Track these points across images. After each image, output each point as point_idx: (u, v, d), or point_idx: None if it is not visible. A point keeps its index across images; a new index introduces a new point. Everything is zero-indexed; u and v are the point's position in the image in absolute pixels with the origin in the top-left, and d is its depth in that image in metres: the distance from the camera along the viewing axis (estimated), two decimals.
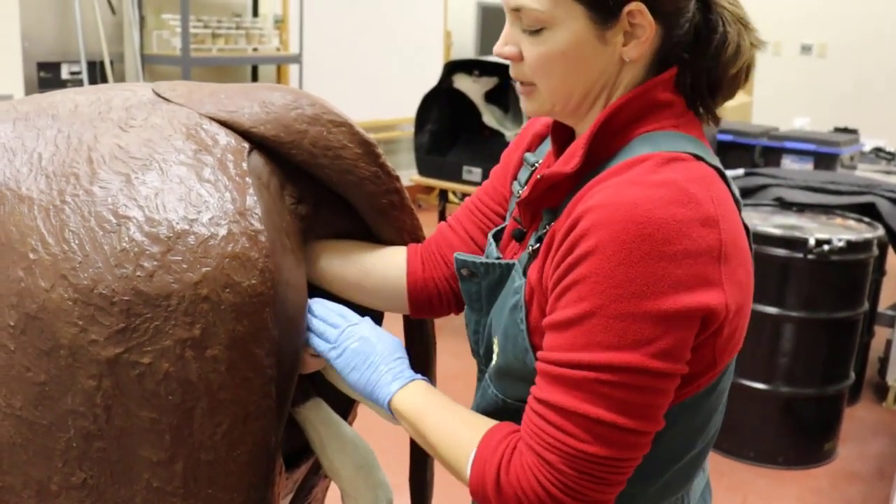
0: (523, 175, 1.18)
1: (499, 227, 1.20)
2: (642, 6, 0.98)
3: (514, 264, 1.07)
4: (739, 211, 1.03)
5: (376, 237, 1.28)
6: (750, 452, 3.34)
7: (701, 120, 1.09)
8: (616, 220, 0.91)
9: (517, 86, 1.08)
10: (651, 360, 0.91)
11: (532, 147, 1.22)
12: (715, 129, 3.87)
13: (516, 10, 1.02)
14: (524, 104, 1.09)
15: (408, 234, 1.29)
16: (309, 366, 1.17)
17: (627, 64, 1.02)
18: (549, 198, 1.05)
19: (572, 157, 1.02)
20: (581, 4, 0.98)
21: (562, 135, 1.11)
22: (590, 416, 0.92)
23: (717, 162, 1.03)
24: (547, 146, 1.17)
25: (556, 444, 0.93)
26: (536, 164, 1.15)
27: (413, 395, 1.08)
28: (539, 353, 0.98)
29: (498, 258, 1.12)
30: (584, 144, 1.01)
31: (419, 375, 1.11)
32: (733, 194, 1.02)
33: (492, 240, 1.16)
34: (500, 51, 1.06)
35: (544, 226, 1.05)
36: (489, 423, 1.03)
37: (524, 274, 1.04)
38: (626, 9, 0.98)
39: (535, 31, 1.01)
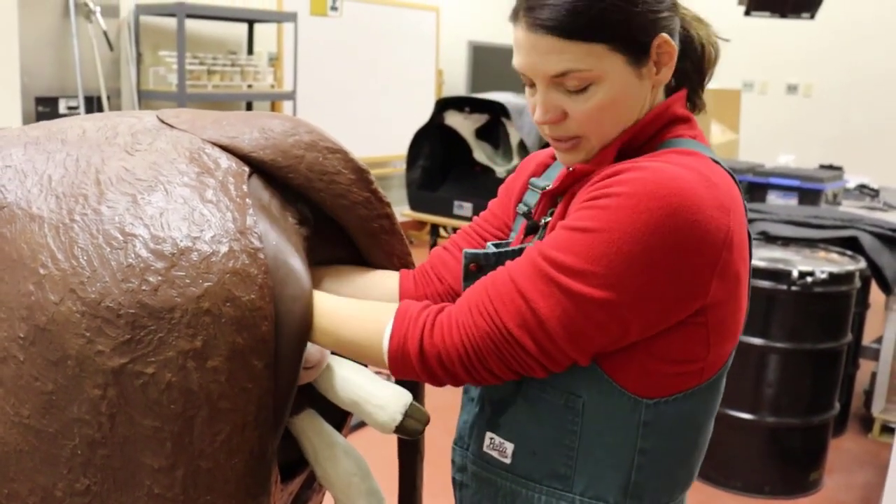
0: (531, 198, 1.24)
1: (502, 242, 1.25)
2: (666, 36, 1.08)
3: (520, 249, 1.13)
4: (746, 216, 1.12)
5: (368, 262, 1.34)
6: (737, 482, 3.38)
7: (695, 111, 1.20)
8: (644, 178, 1.00)
9: (551, 141, 1.14)
10: (611, 290, 0.99)
11: (537, 173, 1.29)
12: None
13: (559, 76, 1.07)
14: (566, 157, 1.15)
15: (398, 258, 1.35)
16: (302, 378, 1.21)
17: (655, 88, 1.13)
18: (573, 191, 1.13)
19: (604, 159, 1.11)
20: (619, 53, 1.06)
21: None
22: (532, 305, 1.01)
23: (731, 171, 1.12)
24: (555, 170, 1.24)
25: (491, 314, 1.03)
26: (546, 187, 1.21)
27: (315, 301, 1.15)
28: (537, 241, 1.07)
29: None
30: (615, 150, 1.10)
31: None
32: (744, 203, 1.11)
33: (492, 246, 1.21)
34: (545, 118, 1.11)
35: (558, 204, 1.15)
36: (389, 305, 1.12)
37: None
38: (655, 43, 1.08)
39: (581, 91, 1.08)
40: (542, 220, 1.18)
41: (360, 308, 1.14)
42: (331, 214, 1.28)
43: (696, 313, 1.04)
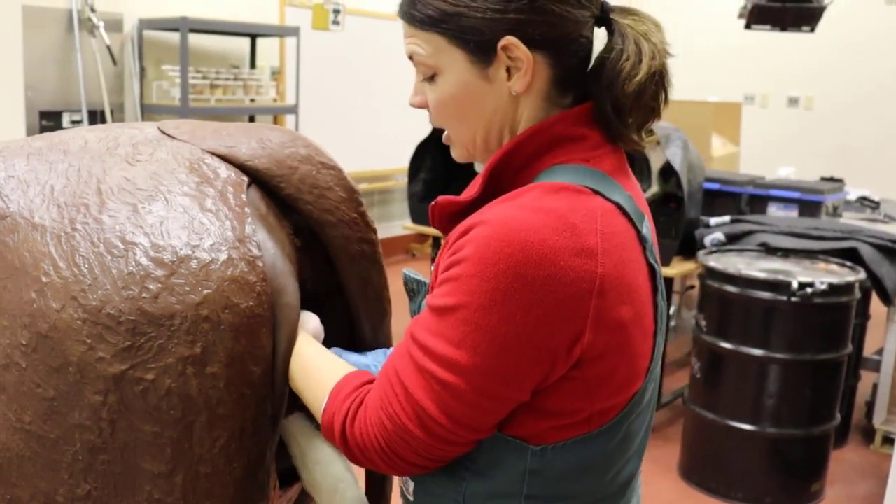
0: None
1: None
2: (513, 39, 1.00)
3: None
4: (645, 249, 1.03)
5: (343, 287, 1.32)
6: (738, 493, 3.38)
7: (620, 148, 1.07)
8: (487, 235, 0.94)
9: (444, 136, 1.13)
10: (479, 376, 0.95)
11: None
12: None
13: (411, 59, 1.08)
14: (452, 151, 1.14)
15: (373, 289, 1.33)
16: None
17: (522, 97, 1.04)
18: (452, 226, 1.05)
19: (472, 187, 1.07)
20: (458, 48, 1.03)
21: None
22: (420, 403, 0.98)
23: (619, 197, 1.01)
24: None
25: (392, 416, 1.00)
26: None
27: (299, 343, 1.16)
28: (413, 319, 1.04)
29: None
30: (484, 176, 1.05)
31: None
32: (638, 231, 1.02)
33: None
34: (412, 101, 1.11)
35: None
36: (343, 371, 1.10)
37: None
38: (500, 44, 1.01)
39: (431, 79, 1.07)
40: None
41: (325, 365, 1.13)
42: (316, 229, 1.27)
43: (573, 367, 0.97)
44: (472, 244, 0.95)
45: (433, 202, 1.10)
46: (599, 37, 1.05)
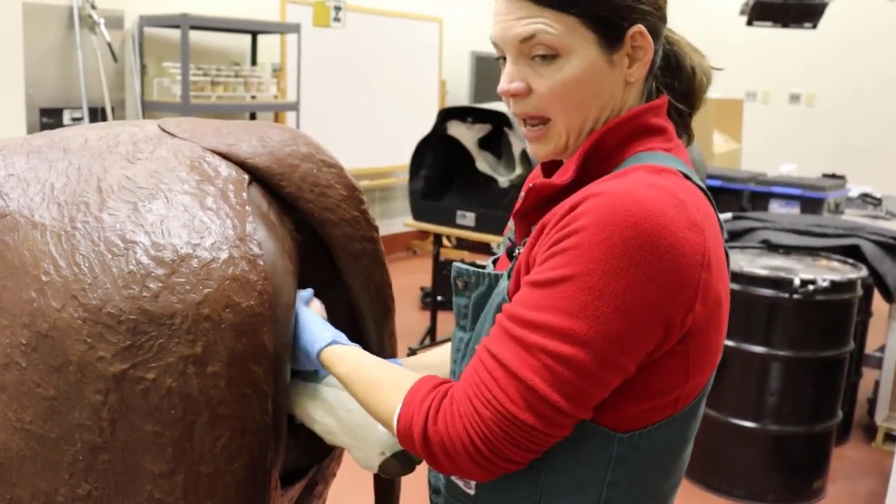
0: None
1: (496, 256, 1.22)
2: (643, 28, 1.05)
3: (501, 274, 1.09)
4: (722, 235, 1.06)
5: (345, 285, 1.31)
6: (740, 490, 3.37)
7: (682, 140, 1.16)
8: (608, 206, 0.95)
9: (524, 131, 1.10)
10: (601, 341, 0.93)
11: None
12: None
13: (527, 40, 1.04)
14: (535, 149, 1.11)
15: (375, 286, 1.32)
16: None
17: (629, 86, 1.08)
18: (542, 212, 1.06)
19: (566, 171, 1.07)
20: (591, 31, 1.03)
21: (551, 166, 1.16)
22: (527, 383, 0.94)
23: (703, 186, 1.07)
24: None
25: (491, 401, 0.96)
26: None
27: (346, 353, 1.14)
28: (505, 305, 1.01)
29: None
30: (578, 159, 1.06)
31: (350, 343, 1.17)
32: (718, 219, 1.06)
33: (490, 263, 1.19)
34: (507, 87, 1.07)
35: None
36: (413, 378, 1.07)
37: (509, 277, 1.07)
38: (631, 31, 1.05)
39: (549, 59, 1.04)
40: (517, 250, 1.11)
41: (389, 374, 1.10)
42: (317, 228, 1.26)
43: (679, 341, 0.99)
44: (589, 214, 0.95)
45: (530, 186, 1.10)
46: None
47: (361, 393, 1.09)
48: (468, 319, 1.13)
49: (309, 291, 1.25)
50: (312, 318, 1.20)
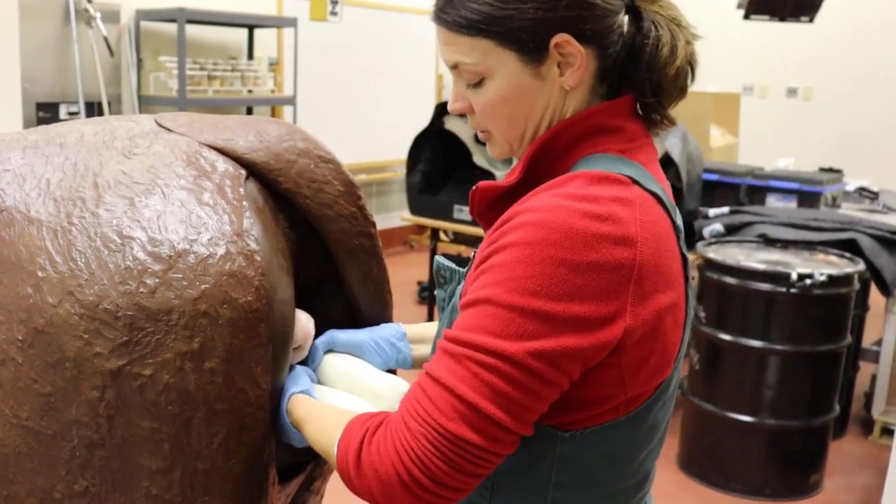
0: None
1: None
2: (567, 36, 1.01)
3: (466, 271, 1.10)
4: (679, 239, 1.05)
5: (343, 280, 1.31)
6: (737, 484, 3.38)
7: (652, 142, 1.11)
8: (532, 223, 0.95)
9: (479, 134, 1.13)
10: (528, 357, 0.93)
11: None
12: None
13: (454, 68, 1.07)
14: (489, 149, 1.14)
15: (373, 282, 1.32)
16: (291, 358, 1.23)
17: (570, 92, 1.06)
18: (500, 211, 1.05)
19: (514, 172, 1.08)
20: (508, 49, 1.03)
21: None
22: (458, 394, 0.94)
23: (655, 188, 1.04)
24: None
25: (422, 414, 0.95)
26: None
27: (311, 400, 1.15)
28: (444, 330, 1.01)
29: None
30: (523, 162, 1.06)
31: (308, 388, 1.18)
32: (673, 222, 1.04)
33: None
34: (453, 107, 1.11)
35: None
36: (360, 412, 1.07)
37: (463, 279, 1.08)
38: (552, 42, 1.02)
39: (477, 84, 1.06)
40: (472, 254, 1.10)
41: (337, 414, 1.09)
42: (314, 224, 1.26)
43: (611, 353, 0.97)
44: (514, 231, 0.96)
45: (474, 188, 1.10)
46: (624, 24, 1.06)
47: (313, 431, 1.09)
48: (445, 311, 1.15)
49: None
50: (303, 370, 1.23)
